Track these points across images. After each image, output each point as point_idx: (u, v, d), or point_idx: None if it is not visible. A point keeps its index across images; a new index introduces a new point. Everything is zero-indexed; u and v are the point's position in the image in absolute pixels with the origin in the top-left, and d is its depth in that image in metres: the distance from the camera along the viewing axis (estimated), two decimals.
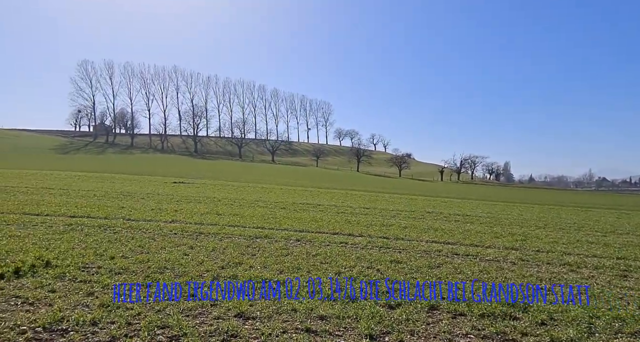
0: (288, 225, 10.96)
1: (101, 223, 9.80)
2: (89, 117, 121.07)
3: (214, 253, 7.20)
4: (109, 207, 12.95)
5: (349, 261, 7.06)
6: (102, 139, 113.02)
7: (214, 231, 9.42)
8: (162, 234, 8.85)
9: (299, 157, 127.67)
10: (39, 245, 7.08)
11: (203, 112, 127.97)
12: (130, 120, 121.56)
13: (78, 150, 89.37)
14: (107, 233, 8.64)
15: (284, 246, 8.16)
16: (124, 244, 7.62)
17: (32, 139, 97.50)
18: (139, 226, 9.76)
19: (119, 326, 3.84)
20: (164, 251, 7.15)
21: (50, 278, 5.27)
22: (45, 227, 8.89)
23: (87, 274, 5.52)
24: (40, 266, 5.74)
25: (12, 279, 5.15)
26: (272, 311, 4.46)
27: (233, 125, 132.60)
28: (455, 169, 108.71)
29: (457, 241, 9.82)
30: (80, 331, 3.70)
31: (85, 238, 7.94)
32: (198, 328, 3.90)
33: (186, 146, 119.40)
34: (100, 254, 6.68)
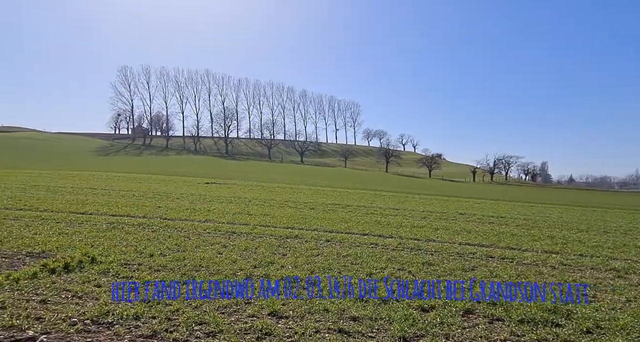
0: (318, 225, 11.02)
1: (140, 222, 10.25)
2: (128, 121, 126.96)
3: (246, 252, 7.35)
4: (147, 206, 13.51)
5: (380, 262, 7.01)
6: (139, 141, 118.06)
7: (245, 231, 9.62)
8: (196, 233, 9.14)
9: (328, 157, 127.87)
10: (85, 242, 7.50)
11: (234, 114, 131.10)
12: (165, 123, 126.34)
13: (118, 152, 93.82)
14: (146, 232, 9.01)
15: (314, 246, 8.21)
16: (162, 242, 7.93)
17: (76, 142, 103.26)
18: (174, 225, 10.12)
19: (159, 321, 4.01)
20: (199, 250, 7.37)
21: (96, 273, 5.57)
22: (90, 225, 9.40)
23: (129, 271, 5.79)
24: (87, 261, 6.08)
25: (62, 274, 5.49)
26: (304, 310, 4.51)
27: (263, 127, 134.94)
28: (488, 169, 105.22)
29: (492, 244, 9.52)
30: (125, 325, 3.90)
31: (126, 236, 8.33)
32: (233, 325, 4.00)
33: (218, 147, 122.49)
34: (140, 252, 6.99)
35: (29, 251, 6.69)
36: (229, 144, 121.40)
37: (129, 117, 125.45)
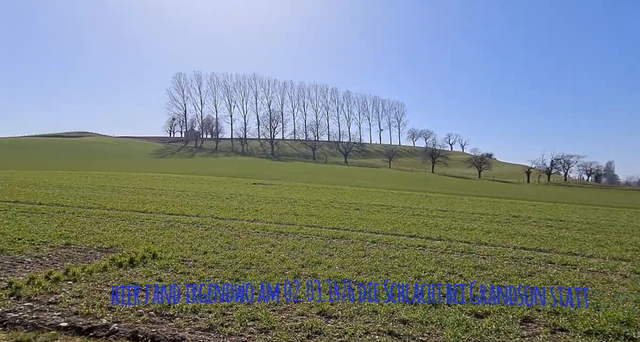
0: (363, 226, 10.97)
1: (194, 221, 10.81)
2: (181, 124, 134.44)
3: (294, 252, 7.51)
4: (199, 206, 14.21)
5: (429, 264, 6.85)
6: (192, 144, 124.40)
7: (292, 231, 9.81)
8: (246, 232, 9.47)
9: (372, 158, 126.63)
10: (147, 239, 8.06)
11: (279, 116, 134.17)
12: (215, 126, 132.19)
13: (172, 155, 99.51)
14: (200, 230, 9.49)
15: (360, 247, 8.19)
16: (214, 240, 8.32)
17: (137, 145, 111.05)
18: (225, 224, 10.56)
19: (215, 316, 4.22)
20: (248, 248, 7.64)
21: (157, 268, 5.97)
22: (150, 223, 10.07)
23: (185, 267, 6.15)
24: (149, 257, 6.54)
25: (128, 268, 5.95)
26: (352, 311, 4.52)
27: (307, 128, 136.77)
28: (545, 169, 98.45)
29: (551, 249, 8.93)
30: (184, 318, 4.15)
31: (182, 234, 8.83)
32: (284, 323, 4.12)
33: (264, 149, 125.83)
34: (195, 249, 7.38)
35: (99, 246, 7.32)
36: (274, 145, 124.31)
37: (183, 121, 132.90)
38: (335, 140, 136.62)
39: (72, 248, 7.11)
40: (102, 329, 3.79)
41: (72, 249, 7.06)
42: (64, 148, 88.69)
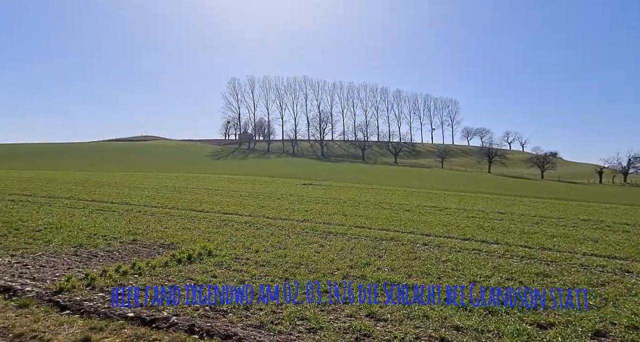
0: (414, 228, 10.68)
1: (247, 220, 11.21)
2: (236, 127, 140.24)
3: (342, 252, 7.50)
4: (252, 206, 14.71)
5: (485, 269, 6.49)
6: (245, 146, 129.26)
7: (341, 231, 9.81)
8: (295, 232, 9.63)
9: (423, 158, 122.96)
10: (203, 237, 8.50)
11: (328, 117, 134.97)
12: (267, 128, 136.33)
13: (227, 156, 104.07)
14: (252, 229, 9.82)
15: (410, 249, 7.98)
16: (265, 239, 8.56)
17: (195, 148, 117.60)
18: (276, 223, 10.83)
19: (265, 313, 4.34)
20: (298, 248, 7.76)
21: (212, 265, 6.27)
22: (206, 222, 10.62)
23: (239, 264, 6.39)
24: (205, 254, 6.89)
25: (187, 264, 6.31)
26: (402, 315, 4.41)
27: (356, 129, 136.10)
28: (620, 169, 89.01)
29: (629, 256, 8.06)
30: (237, 314, 4.31)
31: (236, 233, 9.19)
32: (333, 324, 4.12)
33: (313, 150, 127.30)
34: (248, 247, 7.64)
35: (162, 243, 7.85)
36: (324, 146, 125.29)
37: (237, 124, 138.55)
38: (385, 140, 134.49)
39: (138, 244, 7.69)
40: (163, 321, 4.05)
41: (138, 244, 7.64)
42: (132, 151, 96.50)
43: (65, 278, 5.15)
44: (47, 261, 6.20)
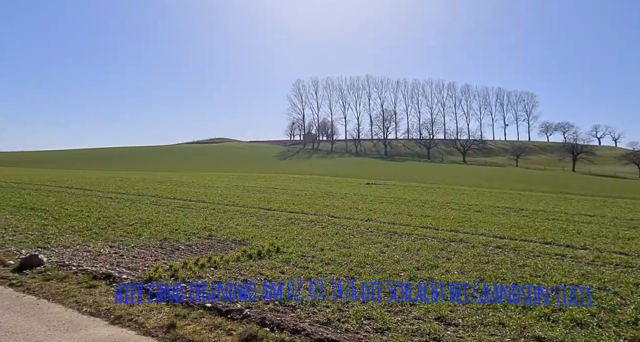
0: (485, 230, 10.07)
1: (312, 218, 11.46)
2: (300, 128, 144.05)
3: (408, 253, 7.33)
4: (316, 205, 14.99)
5: (570, 277, 5.90)
6: (309, 146, 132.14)
7: (406, 232, 9.59)
8: (360, 231, 9.63)
9: (494, 156, 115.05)
10: (271, 234, 8.88)
11: (392, 116, 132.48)
12: (330, 128, 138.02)
13: (292, 157, 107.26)
14: (317, 228, 10.02)
15: (482, 252, 7.55)
16: (330, 238, 8.68)
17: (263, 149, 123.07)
18: (340, 222, 10.92)
19: (332, 311, 4.41)
20: (362, 247, 7.76)
21: (280, 262, 6.53)
22: (274, 220, 11.06)
23: (305, 262, 6.57)
24: (273, 251, 7.20)
25: (257, 259, 6.65)
26: (475, 320, 4.19)
27: (421, 127, 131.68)
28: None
29: None
30: (305, 310, 4.45)
31: (302, 231, 9.45)
32: (400, 325, 4.06)
33: (377, 149, 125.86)
34: (313, 246, 7.82)
35: (234, 239, 8.36)
36: (387, 145, 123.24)
37: (301, 125, 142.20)
38: (452, 138, 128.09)
39: (213, 239, 8.27)
40: (237, 313, 4.32)
41: (213, 240, 8.22)
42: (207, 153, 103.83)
43: (154, 268, 5.73)
44: (138, 253, 6.95)
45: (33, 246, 7.17)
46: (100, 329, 3.87)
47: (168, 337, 3.73)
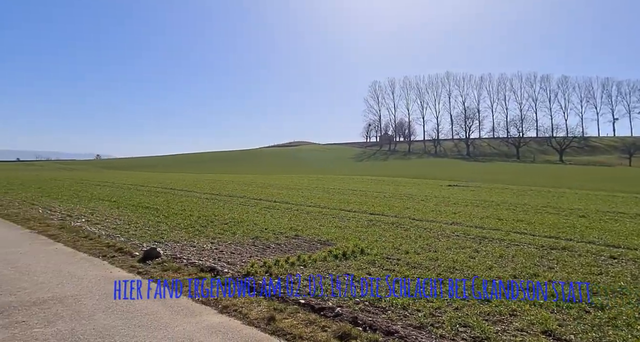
0: (595, 237, 8.96)
1: (393, 221, 11.32)
2: (376, 129, 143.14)
3: (502, 260, 6.87)
4: (396, 207, 14.76)
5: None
6: (385, 147, 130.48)
7: (497, 237, 8.98)
8: (445, 235, 9.27)
9: (600, 155, 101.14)
10: (354, 235, 8.99)
11: (475, 114, 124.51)
12: (408, 129, 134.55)
13: (369, 158, 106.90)
14: (399, 230, 9.88)
15: (592, 262, 6.74)
16: (414, 241, 8.50)
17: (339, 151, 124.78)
18: (423, 225, 10.62)
19: (424, 315, 4.33)
20: (450, 252, 7.46)
21: (365, 263, 6.59)
22: (355, 221, 11.18)
23: (390, 264, 6.54)
24: (358, 252, 7.29)
25: (342, 260, 6.81)
26: (591, 337, 3.78)
27: (509, 124, 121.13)
28: None
29: None
30: (395, 312, 4.44)
31: (384, 233, 9.40)
32: (501, 336, 3.83)
33: (458, 149, 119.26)
34: (397, 248, 7.74)
35: (319, 239, 8.64)
36: (470, 145, 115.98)
37: (377, 126, 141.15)
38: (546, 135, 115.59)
39: (300, 239, 8.66)
40: (329, 310, 4.49)
41: (300, 240, 8.60)
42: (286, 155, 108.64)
43: (250, 264, 6.22)
44: (235, 249, 7.59)
45: (151, 240, 8.27)
46: (211, 316, 4.34)
47: (269, 329, 4.04)
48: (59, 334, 3.76)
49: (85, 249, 7.41)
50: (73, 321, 4.08)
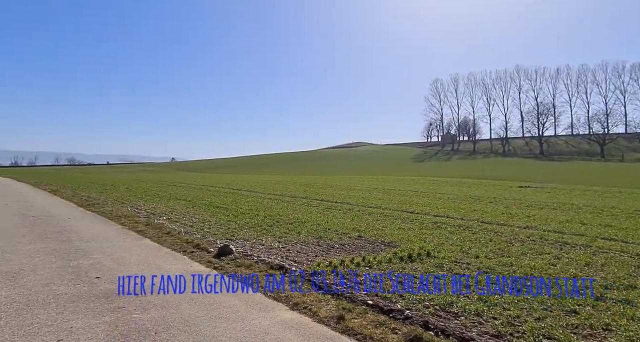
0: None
1: (459, 223, 10.85)
2: (438, 129, 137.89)
3: (588, 268, 6.26)
4: (462, 209, 14.12)
5: None
6: (448, 147, 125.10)
7: (581, 242, 8.21)
8: (519, 239, 8.68)
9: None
10: (418, 237, 8.77)
11: (550, 110, 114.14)
12: (472, 127, 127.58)
13: (430, 159, 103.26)
14: (466, 233, 9.44)
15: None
16: (484, 244, 8.07)
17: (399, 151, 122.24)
18: (493, 228, 10.04)
19: (502, 323, 4.10)
20: (525, 257, 6.99)
21: (433, 266, 6.40)
22: (418, 223, 10.90)
23: (459, 268, 6.29)
24: (424, 255, 7.11)
25: (408, 262, 6.69)
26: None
27: (591, 120, 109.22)
28: None
29: None
30: (469, 318, 4.26)
31: (450, 235, 9.05)
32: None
33: (529, 148, 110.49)
34: (466, 252, 7.41)
35: (382, 240, 8.58)
36: (543, 143, 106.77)
37: (439, 126, 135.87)
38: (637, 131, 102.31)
39: (363, 240, 8.66)
40: (399, 312, 4.45)
41: (363, 240, 8.61)
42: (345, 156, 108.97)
43: (316, 263, 6.37)
44: (300, 248, 7.82)
45: (223, 238, 8.83)
46: (283, 312, 4.53)
47: (339, 328, 4.11)
48: (153, 320, 4.18)
49: (168, 245, 8.13)
50: (163, 309, 4.52)
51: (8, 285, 5.31)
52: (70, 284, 5.38)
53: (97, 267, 6.28)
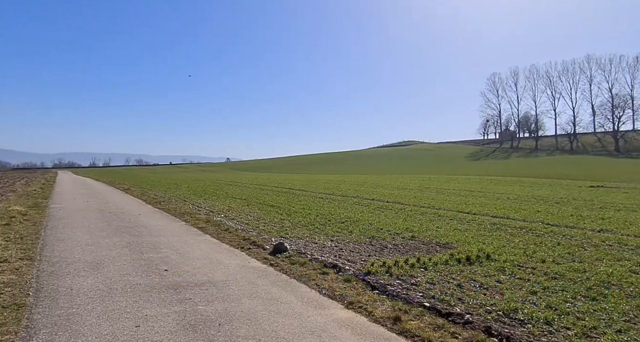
0: None
1: (521, 225, 10.19)
2: (495, 125, 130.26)
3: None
4: (524, 210, 13.25)
5: None
6: (507, 144, 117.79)
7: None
8: (592, 244, 7.97)
9: None
10: (476, 239, 8.37)
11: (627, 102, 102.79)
12: (534, 123, 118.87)
13: (487, 157, 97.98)
14: (530, 235, 8.86)
15: None
16: (551, 248, 7.52)
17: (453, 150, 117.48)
18: (560, 231, 9.33)
19: (575, 334, 3.79)
20: (601, 263, 6.40)
21: (493, 270, 6.08)
22: (476, 224, 10.40)
23: (524, 273, 5.91)
24: (483, 257, 6.77)
25: (466, 264, 6.41)
26: None
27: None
28: None
29: None
30: (537, 327, 3.98)
31: (512, 238, 8.54)
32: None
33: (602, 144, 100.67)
34: (530, 256, 6.94)
35: (437, 241, 8.30)
36: (619, 138, 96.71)
37: (497, 122, 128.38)
38: None
39: (417, 241, 8.44)
40: (458, 316, 4.28)
41: (417, 241, 8.39)
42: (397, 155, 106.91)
43: (370, 263, 6.33)
44: (353, 248, 7.81)
45: (278, 235, 9.08)
46: (338, 311, 4.56)
47: (395, 329, 4.05)
48: (216, 312, 4.42)
49: (227, 241, 8.53)
50: (225, 302, 4.75)
51: (92, 274, 5.89)
52: (144, 275, 5.85)
53: (166, 261, 6.76)
